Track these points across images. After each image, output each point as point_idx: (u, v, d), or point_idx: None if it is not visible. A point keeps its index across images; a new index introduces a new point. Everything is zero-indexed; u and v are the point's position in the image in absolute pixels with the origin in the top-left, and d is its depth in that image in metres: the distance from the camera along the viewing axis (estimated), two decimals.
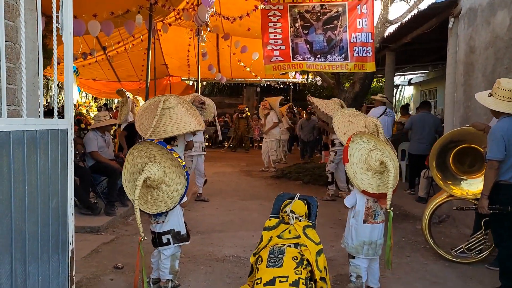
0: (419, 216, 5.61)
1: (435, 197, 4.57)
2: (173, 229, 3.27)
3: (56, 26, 2.46)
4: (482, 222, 4.07)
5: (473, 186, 4.21)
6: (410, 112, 11.04)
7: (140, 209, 3.07)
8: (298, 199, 3.20)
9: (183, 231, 3.34)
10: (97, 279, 3.51)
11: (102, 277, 3.57)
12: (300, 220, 3.08)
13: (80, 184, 5.16)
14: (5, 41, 2.11)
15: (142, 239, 3.00)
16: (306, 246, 2.90)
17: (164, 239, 3.26)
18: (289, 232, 3.01)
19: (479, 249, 4.12)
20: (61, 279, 2.58)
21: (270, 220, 3.16)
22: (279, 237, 2.99)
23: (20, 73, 2.54)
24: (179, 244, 3.33)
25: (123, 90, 8.23)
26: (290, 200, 3.20)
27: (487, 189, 3.44)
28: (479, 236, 4.14)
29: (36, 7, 2.41)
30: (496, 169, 3.37)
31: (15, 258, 2.10)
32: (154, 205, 3.14)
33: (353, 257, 3.31)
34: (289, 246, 2.89)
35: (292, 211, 3.09)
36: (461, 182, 4.30)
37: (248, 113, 16.85)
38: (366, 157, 3.20)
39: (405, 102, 16.51)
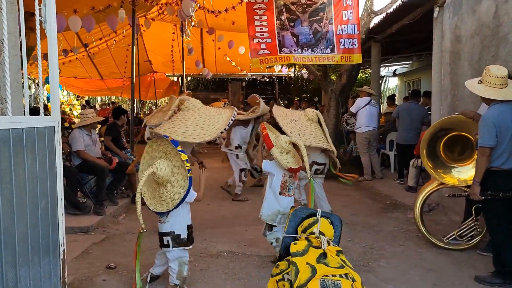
0: (410, 205, 5.66)
1: (425, 186, 4.60)
2: (173, 232, 3.14)
3: (39, 20, 2.37)
4: (473, 209, 4.11)
5: (463, 173, 4.24)
6: (396, 103, 11.12)
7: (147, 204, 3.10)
8: (321, 217, 2.88)
9: (184, 235, 3.16)
10: (89, 281, 3.43)
11: (94, 278, 3.49)
12: (329, 244, 2.72)
13: (67, 184, 5.04)
14: None
15: (142, 231, 2.96)
16: (355, 280, 2.50)
17: (165, 240, 3.14)
18: (331, 257, 2.59)
19: (471, 235, 4.16)
20: (53, 281, 2.50)
21: (295, 244, 2.69)
22: (325, 264, 2.52)
23: (2, 69, 2.44)
24: (179, 248, 3.16)
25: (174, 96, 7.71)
26: (313, 219, 2.84)
27: (479, 176, 3.46)
28: (470, 222, 4.18)
29: (18, 1, 2.31)
30: (488, 155, 3.39)
31: (5, 261, 2.02)
32: (158, 203, 3.08)
33: (271, 230, 3.66)
34: (341, 276, 2.48)
35: (321, 233, 2.75)
36: (452, 170, 4.33)
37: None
38: (277, 142, 3.64)
39: (390, 93, 16.60)
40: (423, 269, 3.71)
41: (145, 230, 2.96)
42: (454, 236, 4.22)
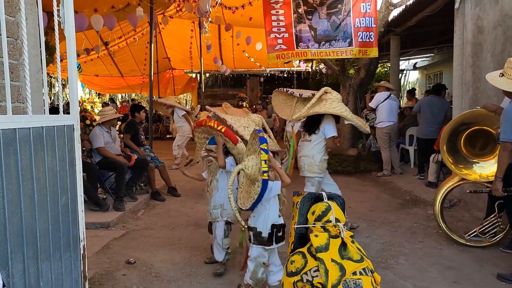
0: (430, 201, 5.57)
1: (446, 182, 4.51)
2: (256, 228, 2.98)
3: (58, 20, 2.42)
4: (496, 205, 4.01)
5: (485, 168, 4.14)
6: (416, 97, 10.92)
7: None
8: (329, 199, 2.63)
9: (265, 234, 2.96)
10: (109, 275, 3.50)
11: (115, 272, 3.56)
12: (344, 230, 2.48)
13: (87, 180, 5.15)
14: (7, 37, 2.07)
15: (244, 228, 2.97)
16: (373, 271, 2.35)
17: (250, 234, 3.04)
18: (351, 248, 2.39)
19: (493, 232, 4.06)
20: (74, 276, 2.57)
21: (317, 236, 2.41)
22: (349, 259, 2.33)
23: (23, 69, 2.50)
24: (258, 246, 2.98)
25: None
26: (325, 205, 2.55)
27: (501, 171, 3.38)
28: (492, 219, 4.09)
29: (36, 1, 2.36)
30: (510, 150, 3.31)
31: (27, 256, 2.08)
32: (245, 199, 3.04)
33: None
34: (361, 273, 2.30)
35: (337, 220, 2.48)
36: (473, 165, 4.23)
37: (245, 103, 16.73)
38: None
39: (410, 87, 16.32)
40: (443, 266, 3.65)
41: (245, 226, 2.95)
42: (476, 232, 4.13)
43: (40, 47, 2.48)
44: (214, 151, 3.45)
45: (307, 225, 2.60)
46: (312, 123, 4.40)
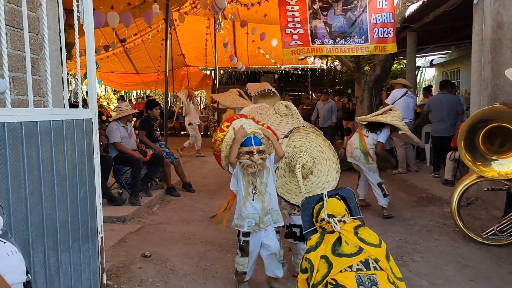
0: (446, 199, 5.50)
1: (463, 179, 4.45)
2: (300, 225, 2.99)
3: (77, 15, 2.46)
4: None
5: (504, 166, 4.05)
6: (433, 94, 10.77)
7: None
8: (329, 197, 2.58)
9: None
10: (126, 268, 3.55)
11: (131, 265, 3.60)
12: (345, 222, 2.44)
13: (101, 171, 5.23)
14: (28, 32, 2.11)
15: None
16: (379, 260, 2.27)
17: (296, 232, 3.17)
18: (346, 243, 2.33)
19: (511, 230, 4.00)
20: (92, 267, 2.61)
21: (310, 239, 2.43)
22: (341, 254, 2.28)
23: (43, 64, 2.55)
24: (301, 242, 3.10)
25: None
26: (320, 204, 2.56)
27: None
28: (511, 217, 4.02)
29: None
30: None
31: (48, 247, 2.12)
32: (294, 194, 3.15)
33: None
34: (375, 268, 2.23)
35: (330, 215, 2.45)
36: (492, 163, 4.15)
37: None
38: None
39: (426, 84, 16.11)
40: (460, 264, 3.60)
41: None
42: (493, 231, 4.07)
43: (60, 42, 2.52)
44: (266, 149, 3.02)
45: (312, 229, 2.59)
46: (374, 126, 5.05)
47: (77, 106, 2.53)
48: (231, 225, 3.05)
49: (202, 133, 15.71)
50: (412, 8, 8.03)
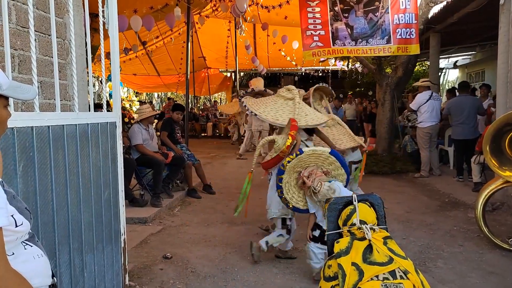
0: (470, 204, 5.38)
1: (489, 184, 4.34)
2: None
3: (102, 21, 2.51)
4: None
5: None
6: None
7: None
8: (358, 201, 2.52)
9: None
10: (147, 269, 3.60)
11: (152, 266, 3.65)
12: (374, 230, 2.40)
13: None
14: (55, 37, 2.16)
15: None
16: (409, 272, 2.23)
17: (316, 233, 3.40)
18: (377, 251, 2.29)
19: None
20: (115, 268, 2.66)
21: (338, 242, 2.38)
22: (372, 262, 2.25)
23: (70, 68, 2.61)
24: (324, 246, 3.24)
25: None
26: (351, 208, 2.50)
27: None
28: None
29: (83, 3, 2.46)
30: None
31: (73, 248, 2.17)
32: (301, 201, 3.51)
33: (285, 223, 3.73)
34: (402, 277, 2.21)
35: (362, 222, 2.41)
36: None
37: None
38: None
39: (450, 86, 15.78)
40: (484, 271, 3.52)
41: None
42: None
43: (86, 47, 2.58)
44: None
45: (336, 231, 2.55)
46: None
47: (101, 106, 2.59)
48: (273, 216, 3.71)
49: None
50: (435, 9, 7.89)
